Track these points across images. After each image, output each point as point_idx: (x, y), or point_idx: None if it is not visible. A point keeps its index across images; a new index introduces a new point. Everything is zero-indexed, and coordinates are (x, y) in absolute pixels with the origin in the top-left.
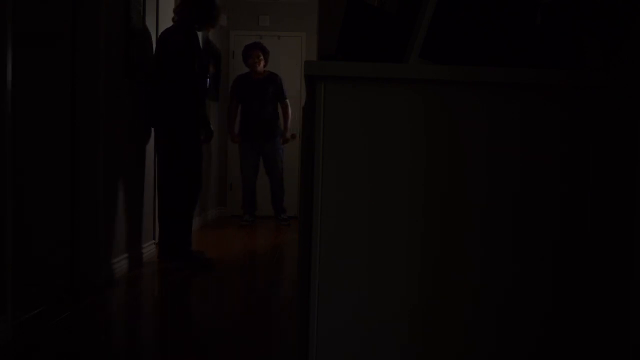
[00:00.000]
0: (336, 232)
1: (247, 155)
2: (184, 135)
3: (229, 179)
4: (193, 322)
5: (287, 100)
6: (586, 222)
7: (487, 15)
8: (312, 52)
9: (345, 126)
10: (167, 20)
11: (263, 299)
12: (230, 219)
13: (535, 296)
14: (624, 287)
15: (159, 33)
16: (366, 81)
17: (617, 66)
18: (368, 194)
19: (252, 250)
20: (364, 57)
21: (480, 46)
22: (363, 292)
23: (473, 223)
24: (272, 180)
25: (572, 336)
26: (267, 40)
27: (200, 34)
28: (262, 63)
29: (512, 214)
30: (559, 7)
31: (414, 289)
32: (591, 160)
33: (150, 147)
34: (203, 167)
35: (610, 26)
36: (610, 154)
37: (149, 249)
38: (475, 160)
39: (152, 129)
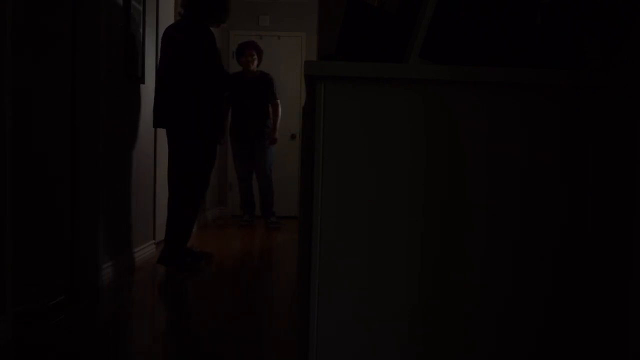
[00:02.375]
0: (336, 232)
1: (239, 156)
2: (186, 137)
3: (229, 179)
4: (193, 322)
5: (278, 101)
6: (586, 222)
7: (487, 15)
8: (312, 52)
9: (345, 126)
10: (167, 20)
11: (262, 299)
12: (230, 219)
13: (535, 296)
14: (624, 287)
15: (159, 32)
16: (366, 81)
17: (617, 66)
18: (368, 194)
19: (252, 250)
20: (364, 57)
21: (480, 46)
22: (363, 292)
23: (473, 223)
24: (260, 183)
25: (572, 336)
26: (267, 40)
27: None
28: (256, 62)
29: (512, 213)
30: (559, 7)
31: (414, 289)
32: (591, 160)
33: (149, 148)
34: (209, 169)
35: (610, 26)
36: (610, 154)
37: (149, 249)
38: (475, 160)
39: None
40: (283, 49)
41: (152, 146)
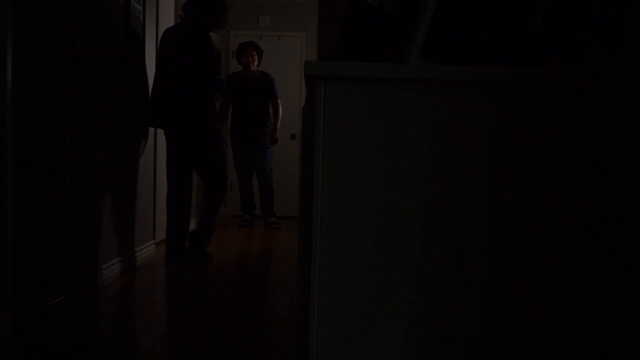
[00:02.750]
0: (336, 232)
1: (239, 157)
2: (187, 137)
3: (229, 179)
4: (193, 321)
5: (279, 100)
6: (586, 223)
7: (487, 15)
8: (312, 52)
9: (345, 126)
10: (167, 20)
11: (262, 298)
12: (230, 219)
13: (534, 295)
14: (624, 289)
15: (160, 33)
16: (366, 81)
17: (617, 66)
18: (368, 194)
19: (251, 251)
20: (364, 57)
21: (480, 46)
22: (363, 292)
23: (474, 223)
24: (260, 183)
25: (570, 336)
26: (267, 40)
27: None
28: (256, 62)
29: (513, 213)
30: (559, 7)
31: (415, 289)
32: (591, 159)
33: (150, 147)
34: (221, 160)
35: (611, 26)
36: (611, 154)
37: (149, 248)
38: (475, 161)
39: (152, 130)
40: (283, 49)
41: (152, 146)
